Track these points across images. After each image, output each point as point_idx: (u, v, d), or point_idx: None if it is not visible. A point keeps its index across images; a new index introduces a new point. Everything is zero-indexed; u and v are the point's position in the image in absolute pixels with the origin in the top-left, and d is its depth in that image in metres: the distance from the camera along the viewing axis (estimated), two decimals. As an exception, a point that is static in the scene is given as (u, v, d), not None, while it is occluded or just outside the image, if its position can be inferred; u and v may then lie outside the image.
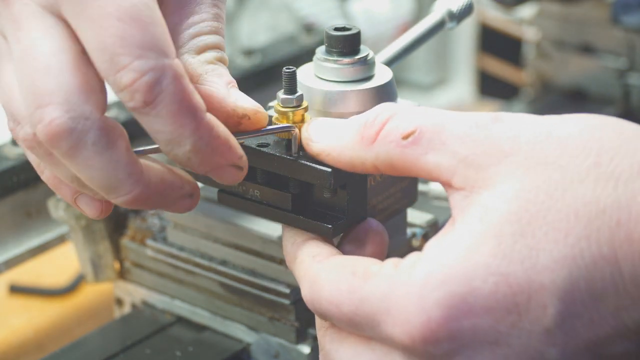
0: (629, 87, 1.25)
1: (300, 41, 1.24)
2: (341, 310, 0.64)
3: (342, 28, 0.74)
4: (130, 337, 0.86)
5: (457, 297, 0.60)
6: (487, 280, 0.60)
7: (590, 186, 0.60)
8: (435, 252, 0.62)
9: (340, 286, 0.64)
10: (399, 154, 0.64)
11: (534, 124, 0.63)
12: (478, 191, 0.62)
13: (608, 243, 0.59)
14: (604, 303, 0.60)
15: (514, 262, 0.60)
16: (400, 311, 0.61)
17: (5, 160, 0.95)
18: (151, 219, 0.90)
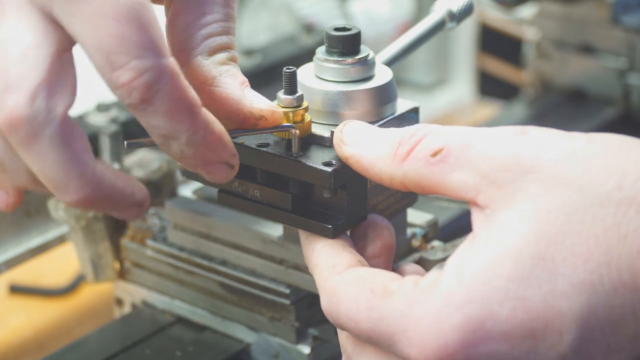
0: (629, 87, 1.25)
1: (300, 41, 1.24)
2: (359, 327, 0.63)
3: (342, 28, 0.74)
4: (130, 337, 0.86)
5: (475, 321, 0.59)
6: (505, 305, 0.59)
7: (611, 210, 0.59)
8: (455, 273, 0.61)
9: (358, 303, 0.64)
10: (427, 172, 0.64)
11: (559, 140, 0.62)
12: (499, 210, 0.61)
13: (629, 270, 0.58)
14: (622, 330, 0.59)
15: (532, 286, 0.59)
16: (417, 332, 0.60)
17: (5, 160, 0.95)
18: (151, 219, 0.90)
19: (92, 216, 0.89)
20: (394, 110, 0.76)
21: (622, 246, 0.58)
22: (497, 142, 0.63)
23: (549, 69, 1.30)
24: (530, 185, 0.61)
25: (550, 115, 1.27)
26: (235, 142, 0.73)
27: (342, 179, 0.70)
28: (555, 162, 0.61)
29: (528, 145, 0.62)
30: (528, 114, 1.28)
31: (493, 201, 0.62)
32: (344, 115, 0.73)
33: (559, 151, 0.61)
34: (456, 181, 0.63)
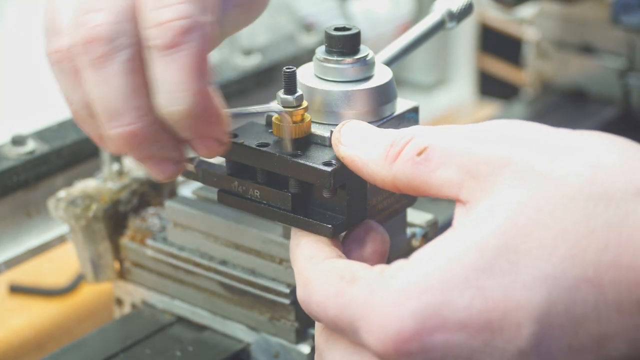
0: (629, 87, 1.25)
1: (300, 41, 1.24)
2: (327, 314, 0.63)
3: (342, 28, 0.74)
4: (130, 337, 0.86)
5: (432, 308, 0.58)
6: (464, 294, 0.58)
7: (582, 204, 0.58)
8: (419, 261, 0.60)
9: (328, 289, 0.64)
10: (414, 172, 0.64)
11: (538, 134, 0.62)
12: (476, 202, 0.61)
13: (594, 266, 0.57)
14: (584, 329, 0.57)
15: (493, 276, 0.58)
16: (376, 318, 0.60)
17: (5, 160, 0.95)
18: (151, 219, 0.90)
19: (92, 216, 0.89)
20: (393, 110, 0.76)
21: (589, 241, 0.57)
22: (479, 138, 0.63)
23: (549, 69, 1.30)
24: (506, 177, 0.60)
25: (550, 115, 1.27)
26: (235, 142, 0.73)
27: (341, 178, 0.70)
28: (532, 156, 0.61)
29: (507, 139, 0.62)
30: (528, 114, 1.28)
31: (472, 195, 0.61)
32: (343, 115, 0.73)
33: (537, 145, 0.61)
34: (440, 178, 0.63)
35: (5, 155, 0.96)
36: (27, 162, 0.96)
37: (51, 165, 0.98)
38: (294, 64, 0.76)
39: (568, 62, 1.29)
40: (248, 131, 0.74)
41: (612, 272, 0.57)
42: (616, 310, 0.57)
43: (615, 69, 1.25)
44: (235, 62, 1.18)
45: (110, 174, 0.91)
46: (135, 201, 0.91)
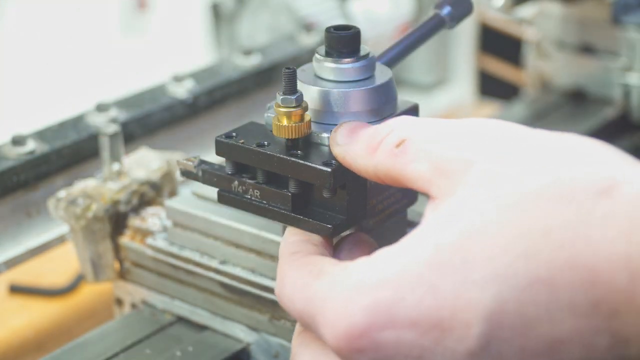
0: (629, 87, 1.24)
1: (300, 41, 1.24)
2: (295, 307, 0.64)
3: (342, 28, 0.74)
4: (130, 337, 0.86)
5: (383, 304, 0.58)
6: (415, 291, 0.57)
7: (541, 204, 0.57)
8: (379, 257, 0.60)
9: (296, 283, 0.64)
10: (392, 163, 0.64)
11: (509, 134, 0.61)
12: (442, 199, 0.61)
13: (547, 266, 0.55)
14: (535, 330, 0.56)
15: (445, 273, 0.57)
16: (330, 313, 0.60)
17: (5, 160, 0.95)
18: (151, 219, 0.90)
19: (92, 216, 0.89)
20: (393, 110, 0.76)
21: (545, 241, 0.56)
22: (454, 135, 0.63)
23: (549, 69, 1.30)
24: (472, 176, 0.60)
25: (550, 115, 1.27)
26: (235, 142, 0.73)
27: (341, 178, 0.70)
28: (499, 157, 0.60)
29: (479, 139, 0.62)
30: (528, 114, 1.28)
31: (440, 191, 0.61)
32: (343, 115, 0.73)
33: (506, 146, 0.61)
34: (414, 171, 0.63)
35: (5, 155, 0.96)
36: (27, 162, 0.96)
37: (51, 165, 0.98)
38: (294, 64, 0.76)
39: (568, 62, 1.29)
40: (248, 131, 0.74)
41: (567, 272, 0.55)
42: (570, 312, 0.56)
43: (615, 69, 1.25)
44: (235, 62, 1.18)
45: (110, 174, 0.91)
46: (135, 201, 0.91)
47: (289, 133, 0.71)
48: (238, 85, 1.16)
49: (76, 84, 2.45)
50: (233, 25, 1.41)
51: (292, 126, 0.71)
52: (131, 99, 1.08)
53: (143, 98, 1.09)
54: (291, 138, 0.72)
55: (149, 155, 0.94)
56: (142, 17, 2.84)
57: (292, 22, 1.33)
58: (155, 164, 0.93)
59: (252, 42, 1.36)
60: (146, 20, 2.84)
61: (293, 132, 0.71)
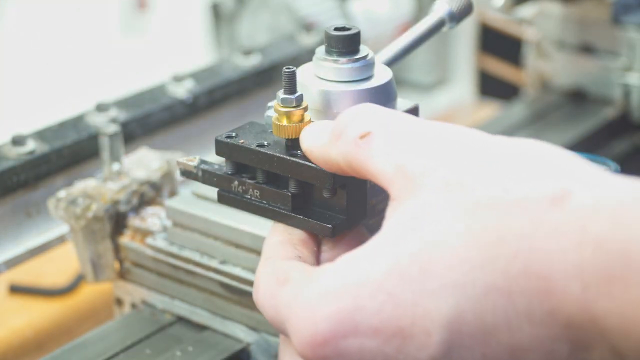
0: (629, 87, 1.24)
1: (300, 41, 1.24)
2: (267, 315, 0.64)
3: (342, 28, 0.74)
4: (130, 337, 0.86)
5: (345, 312, 0.58)
6: (376, 299, 0.58)
7: (494, 213, 0.57)
8: (340, 264, 0.61)
9: (265, 291, 0.64)
10: (354, 154, 0.64)
11: (471, 141, 0.61)
12: (401, 202, 0.61)
13: (503, 275, 0.56)
14: (495, 338, 0.56)
15: (404, 282, 0.57)
16: (296, 321, 0.60)
17: (5, 160, 0.95)
18: (151, 219, 0.90)
19: (92, 216, 0.89)
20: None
21: (500, 250, 0.56)
22: (418, 138, 0.62)
23: (549, 69, 1.30)
24: (431, 182, 0.60)
25: (550, 115, 1.27)
26: (235, 142, 0.73)
27: (341, 178, 0.70)
28: (458, 164, 0.60)
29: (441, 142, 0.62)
30: (528, 114, 1.28)
31: (400, 193, 0.61)
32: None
33: (466, 154, 0.60)
34: (376, 167, 0.63)
35: (5, 155, 0.96)
36: (27, 162, 0.96)
37: (51, 165, 0.98)
38: (294, 64, 0.76)
39: (568, 62, 1.29)
40: (248, 131, 0.74)
41: (522, 281, 0.56)
42: (527, 321, 0.56)
43: (615, 69, 1.25)
44: (235, 62, 1.18)
45: (110, 174, 0.91)
46: (135, 201, 0.91)
47: (289, 133, 0.71)
48: (238, 85, 1.16)
49: (76, 84, 2.45)
50: (233, 25, 1.41)
51: (292, 126, 0.71)
52: (131, 99, 1.08)
53: (143, 98, 1.09)
54: (291, 138, 0.72)
55: (149, 155, 0.94)
56: (142, 17, 2.84)
57: (292, 22, 1.33)
58: (155, 164, 0.93)
59: (252, 42, 1.36)
60: (146, 20, 2.84)
61: (293, 132, 0.71)
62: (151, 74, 1.31)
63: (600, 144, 1.22)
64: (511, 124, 1.25)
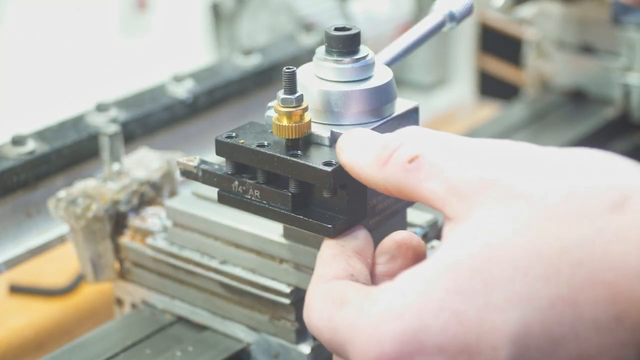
0: (629, 87, 1.25)
1: (300, 41, 1.24)
2: (323, 337, 0.64)
3: (342, 28, 0.74)
4: (130, 337, 0.86)
5: (410, 332, 0.58)
6: (440, 317, 0.58)
7: (556, 223, 0.57)
8: (400, 283, 0.60)
9: (322, 313, 0.64)
10: (404, 178, 0.64)
11: (522, 154, 0.61)
12: (458, 221, 0.61)
13: (567, 284, 0.56)
14: (563, 349, 0.56)
15: (468, 299, 0.58)
16: (360, 342, 0.60)
17: (5, 160, 0.95)
18: (151, 219, 0.90)
19: (92, 216, 0.89)
20: (393, 110, 0.76)
21: (562, 259, 0.56)
22: (468, 154, 0.62)
23: (549, 69, 1.30)
24: (488, 199, 0.60)
25: (550, 115, 1.27)
26: (235, 142, 0.73)
27: (342, 178, 0.70)
28: (513, 178, 0.60)
29: (494, 160, 0.62)
30: (528, 114, 1.28)
31: (455, 213, 0.61)
32: (343, 115, 0.73)
33: (520, 167, 0.60)
34: (428, 190, 0.63)
35: (5, 155, 0.96)
36: (27, 162, 0.96)
37: (51, 165, 0.98)
38: (294, 64, 0.76)
39: (568, 62, 1.29)
40: (248, 131, 0.74)
41: (587, 289, 0.56)
42: (595, 329, 0.56)
43: (615, 69, 1.25)
44: (235, 62, 1.18)
45: (110, 174, 0.91)
46: (135, 201, 0.91)
47: (289, 133, 0.71)
48: (238, 85, 1.16)
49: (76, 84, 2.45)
50: (233, 25, 1.41)
51: (292, 126, 0.71)
52: (131, 99, 1.08)
53: (143, 98, 1.09)
54: (291, 138, 0.72)
55: (149, 155, 0.94)
56: (142, 17, 2.84)
57: (292, 22, 1.33)
58: (155, 164, 0.93)
59: (252, 42, 1.36)
60: (146, 20, 2.84)
61: (293, 132, 0.71)
62: (151, 74, 1.31)
63: (600, 144, 1.22)
64: (511, 124, 1.25)
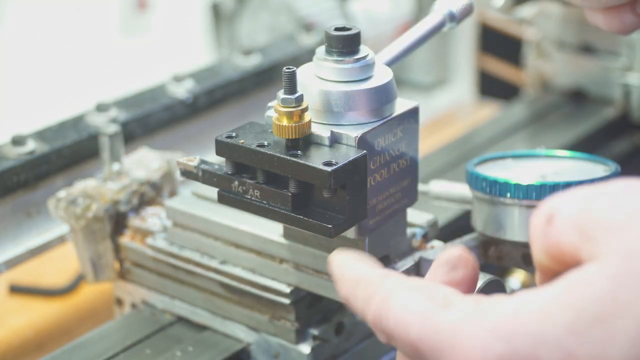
0: (629, 87, 1.24)
1: (300, 41, 1.24)
2: (407, 333, 0.61)
3: (342, 28, 0.74)
4: (130, 337, 0.86)
5: (519, 357, 0.58)
6: (553, 353, 0.57)
7: None
8: (517, 302, 0.59)
9: (413, 307, 0.62)
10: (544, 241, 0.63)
11: None
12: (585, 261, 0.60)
13: None
14: None
15: (584, 345, 0.57)
16: (463, 351, 0.59)
17: (5, 160, 0.95)
18: (151, 219, 0.90)
19: (92, 216, 0.89)
20: (393, 110, 0.76)
21: None
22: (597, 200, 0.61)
23: (549, 69, 1.30)
24: (615, 243, 0.59)
25: (550, 115, 1.27)
26: (235, 142, 0.73)
27: (341, 178, 0.70)
28: None
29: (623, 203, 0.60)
30: (528, 114, 1.28)
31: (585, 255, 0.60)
32: (343, 115, 0.73)
33: None
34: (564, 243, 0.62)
35: (5, 155, 0.96)
36: (27, 162, 0.96)
37: (51, 165, 0.98)
38: (294, 64, 0.76)
39: (568, 62, 1.29)
40: (248, 131, 0.74)
41: None
42: None
43: (615, 69, 1.25)
44: (235, 62, 1.18)
45: (110, 174, 0.91)
46: (135, 201, 0.91)
47: (289, 133, 0.71)
48: (238, 85, 1.16)
49: (76, 84, 2.45)
50: (233, 25, 1.41)
51: (292, 126, 0.71)
52: (131, 99, 1.08)
53: (143, 98, 1.09)
54: (291, 138, 0.72)
55: (149, 155, 0.94)
56: (142, 17, 2.84)
57: (292, 22, 1.33)
58: (155, 164, 0.93)
59: (252, 42, 1.36)
60: (146, 20, 2.84)
61: (293, 132, 0.71)
62: (151, 74, 1.31)
63: (600, 144, 1.22)
64: (511, 124, 1.25)
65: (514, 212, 0.81)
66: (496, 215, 0.81)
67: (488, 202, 0.82)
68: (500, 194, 0.80)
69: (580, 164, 0.85)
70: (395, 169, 0.77)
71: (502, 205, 0.81)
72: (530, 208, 0.80)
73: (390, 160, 0.76)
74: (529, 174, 0.83)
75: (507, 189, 0.80)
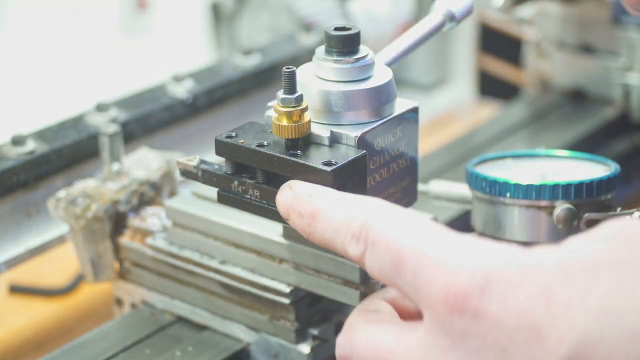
0: (629, 87, 1.24)
1: (300, 41, 1.24)
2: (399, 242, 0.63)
3: (342, 28, 0.74)
4: (130, 337, 0.86)
5: (494, 272, 0.58)
6: (531, 288, 0.58)
7: None
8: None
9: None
10: None
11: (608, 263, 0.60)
12: None
13: None
14: None
15: (569, 285, 0.58)
16: (453, 262, 0.60)
17: (5, 160, 0.95)
18: (151, 219, 0.90)
19: (92, 216, 0.89)
20: (393, 110, 0.76)
21: None
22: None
23: (549, 69, 1.30)
24: (578, 313, 0.59)
25: (550, 115, 1.27)
26: (235, 142, 0.73)
27: (341, 178, 0.70)
28: (608, 288, 0.59)
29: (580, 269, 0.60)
30: (528, 114, 1.28)
31: None
32: (343, 115, 0.73)
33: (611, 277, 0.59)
34: None
35: (5, 155, 0.96)
36: (27, 162, 0.96)
37: (51, 165, 0.98)
38: (294, 64, 0.76)
39: (568, 62, 1.29)
40: (248, 131, 0.74)
41: None
42: None
43: (615, 69, 1.25)
44: (235, 62, 1.18)
45: (110, 174, 0.91)
46: (135, 201, 0.91)
47: (289, 133, 0.71)
48: (238, 85, 1.16)
49: (76, 84, 2.45)
50: (233, 25, 1.41)
51: (292, 126, 0.71)
52: (131, 99, 1.08)
53: (143, 98, 1.09)
54: (291, 138, 0.72)
55: (149, 155, 0.94)
56: (142, 17, 2.84)
57: (292, 22, 1.33)
58: (155, 164, 0.93)
59: (252, 42, 1.36)
60: (146, 20, 2.84)
61: (293, 132, 0.71)
62: (151, 74, 1.31)
63: (600, 144, 1.22)
64: (511, 124, 1.25)
65: (513, 212, 0.81)
66: (496, 215, 0.81)
67: (488, 202, 0.82)
68: (500, 193, 0.81)
69: (580, 164, 0.85)
70: (395, 168, 0.77)
71: (502, 205, 0.81)
72: (530, 208, 0.80)
73: (390, 160, 0.76)
74: (528, 173, 0.83)
75: (507, 188, 0.80)
